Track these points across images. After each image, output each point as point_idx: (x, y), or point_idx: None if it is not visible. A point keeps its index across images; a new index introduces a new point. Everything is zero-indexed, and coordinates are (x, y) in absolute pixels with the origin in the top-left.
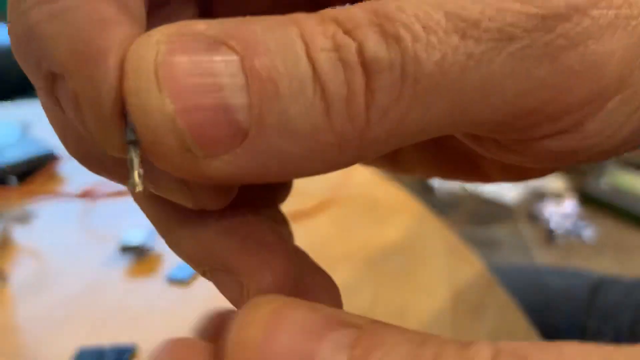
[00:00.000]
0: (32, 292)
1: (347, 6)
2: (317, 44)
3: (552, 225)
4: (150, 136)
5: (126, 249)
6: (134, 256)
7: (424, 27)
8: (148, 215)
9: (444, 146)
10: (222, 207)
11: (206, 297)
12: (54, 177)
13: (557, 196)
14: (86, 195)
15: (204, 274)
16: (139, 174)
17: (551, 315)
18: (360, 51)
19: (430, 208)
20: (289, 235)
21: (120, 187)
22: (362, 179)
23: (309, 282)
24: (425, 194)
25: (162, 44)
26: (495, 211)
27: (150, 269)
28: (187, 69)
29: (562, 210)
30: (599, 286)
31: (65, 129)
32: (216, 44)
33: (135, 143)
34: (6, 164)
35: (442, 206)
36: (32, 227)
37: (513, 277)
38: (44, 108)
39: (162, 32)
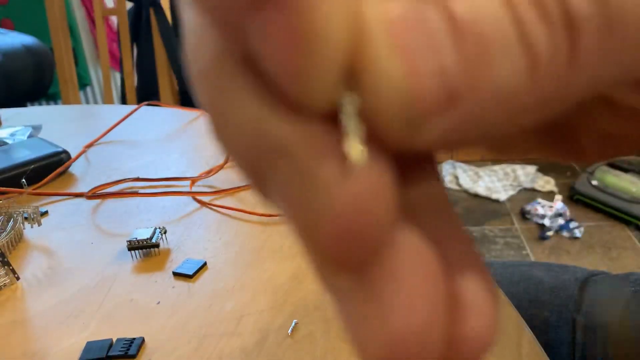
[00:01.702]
0: (43, 288)
1: None
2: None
3: (543, 223)
4: (378, 99)
5: (134, 247)
6: (141, 253)
7: None
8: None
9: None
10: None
11: (211, 292)
12: (64, 178)
13: (548, 195)
14: (96, 195)
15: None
16: (360, 140)
17: (541, 309)
18: (561, 4)
19: None
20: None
21: (128, 186)
22: None
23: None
24: None
25: (384, 1)
26: (488, 209)
27: (157, 265)
28: (410, 26)
29: (552, 209)
30: (588, 281)
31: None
32: (421, 2)
33: (352, 107)
34: (18, 165)
35: None
36: (43, 226)
37: (504, 272)
38: (202, 65)
39: None
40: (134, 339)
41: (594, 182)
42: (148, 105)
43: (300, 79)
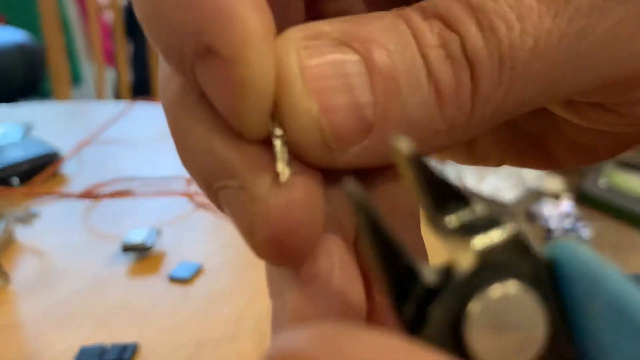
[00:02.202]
0: (35, 291)
1: None
2: (427, 42)
3: (550, 225)
4: (298, 134)
5: (128, 249)
6: (136, 256)
7: (517, 15)
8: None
9: (518, 133)
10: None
11: (207, 295)
12: (56, 178)
13: (555, 196)
14: (89, 195)
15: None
16: (285, 163)
17: None
18: (463, 45)
19: None
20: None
21: (122, 186)
22: None
23: None
24: None
25: (301, 49)
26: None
27: (152, 268)
28: (325, 72)
29: (559, 210)
30: None
31: (190, 128)
32: (341, 46)
33: (280, 137)
34: (9, 164)
35: None
36: (34, 227)
37: None
38: (168, 97)
39: (298, 35)
40: (128, 343)
41: (602, 183)
42: (142, 100)
43: (236, 116)
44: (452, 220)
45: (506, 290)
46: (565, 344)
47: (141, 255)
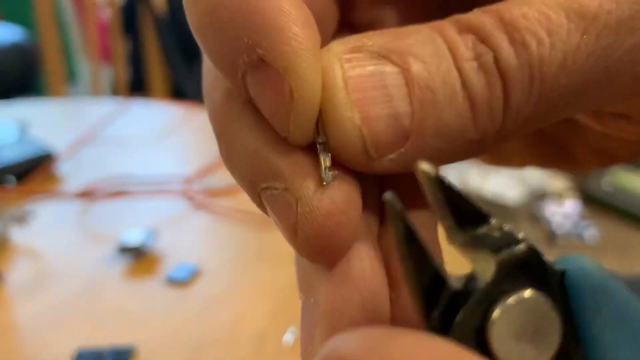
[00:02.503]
0: (30, 293)
1: (476, 11)
2: (462, 55)
3: (554, 225)
4: (341, 142)
5: (125, 250)
6: (132, 257)
7: (547, 31)
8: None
9: (542, 137)
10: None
11: (205, 298)
12: (52, 177)
13: (559, 196)
14: (85, 195)
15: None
16: (327, 168)
17: None
18: (496, 59)
19: None
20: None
21: (119, 187)
22: None
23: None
24: None
25: (345, 61)
26: (497, 211)
27: (149, 269)
28: (366, 83)
29: (563, 210)
30: None
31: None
32: (381, 58)
33: (323, 143)
34: (4, 163)
35: None
36: (30, 228)
37: None
38: (214, 102)
39: (340, 48)
40: (125, 346)
41: (606, 183)
42: (139, 97)
43: (284, 123)
44: (474, 234)
45: (525, 297)
46: (575, 349)
47: (138, 256)
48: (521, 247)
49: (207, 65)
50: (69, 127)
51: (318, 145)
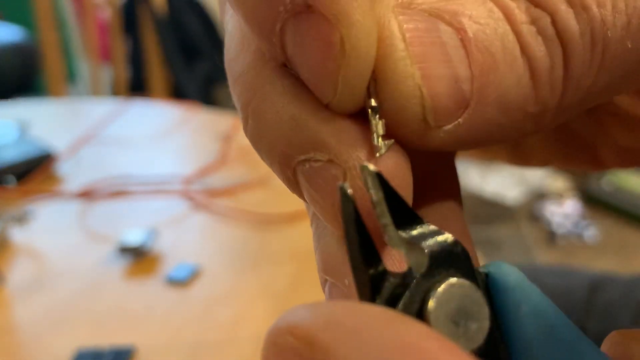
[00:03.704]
0: (30, 293)
1: None
2: (517, 18)
3: (554, 225)
4: (399, 102)
5: (125, 250)
6: (132, 257)
7: None
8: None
9: (566, 135)
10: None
11: (205, 298)
12: (52, 177)
13: (559, 196)
14: (85, 195)
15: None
16: (380, 136)
17: None
18: (554, 22)
19: None
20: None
21: (119, 187)
22: None
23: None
24: None
25: (399, 14)
26: (497, 211)
27: (149, 269)
28: (425, 38)
29: (563, 210)
30: (597, 285)
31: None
32: (432, 17)
33: (374, 109)
34: (4, 163)
35: None
36: (30, 228)
37: None
38: (241, 67)
39: (391, 3)
40: (125, 346)
41: (606, 183)
42: (139, 97)
43: (331, 84)
44: (410, 234)
45: (457, 283)
46: (498, 339)
47: (138, 256)
48: (450, 240)
49: (232, 28)
50: (69, 127)
51: (370, 111)
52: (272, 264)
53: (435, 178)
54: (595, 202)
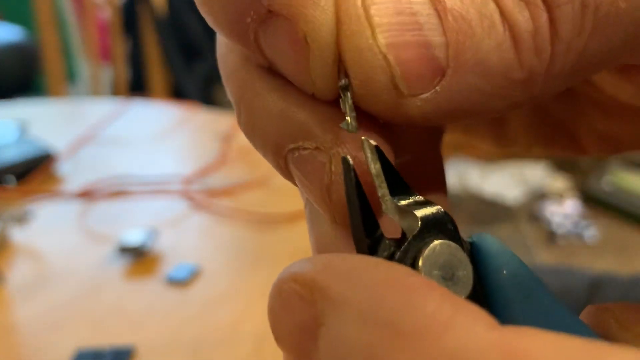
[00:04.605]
0: (30, 293)
1: None
2: None
3: (554, 225)
4: (364, 74)
5: (125, 250)
6: (132, 257)
7: None
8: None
9: (546, 118)
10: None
11: (205, 298)
12: (52, 177)
13: (559, 196)
14: (85, 195)
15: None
16: (352, 115)
17: None
18: None
19: None
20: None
21: (119, 187)
22: None
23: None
24: None
25: None
26: (497, 211)
27: (149, 269)
28: (391, 9)
29: (563, 210)
30: (597, 285)
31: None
32: None
33: (346, 88)
34: (4, 163)
35: None
36: (30, 228)
37: None
38: (230, 67)
39: None
40: (125, 346)
41: (606, 182)
42: (139, 97)
43: (305, 75)
44: (404, 202)
45: (445, 243)
46: (482, 300)
47: (138, 256)
48: (440, 210)
49: (218, 38)
50: (69, 127)
51: (340, 92)
52: (272, 264)
53: (421, 167)
54: (595, 202)
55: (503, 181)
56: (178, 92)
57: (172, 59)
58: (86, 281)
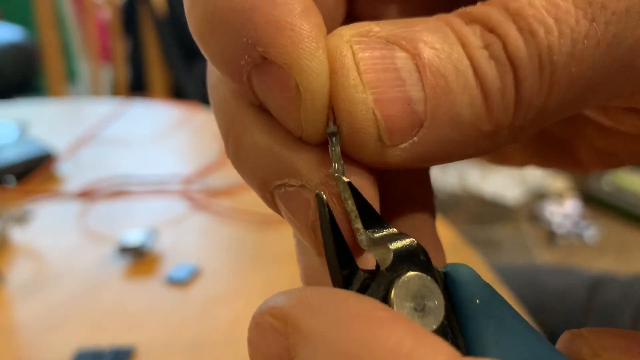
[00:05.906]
0: (30, 293)
1: (480, 4)
2: (471, 43)
3: (554, 225)
4: (354, 125)
5: (125, 250)
6: (132, 257)
7: (555, 19)
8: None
9: (544, 136)
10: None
11: (205, 298)
12: (52, 177)
13: (559, 196)
14: (85, 195)
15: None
16: (340, 161)
17: (549, 315)
18: (505, 47)
19: None
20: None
21: (119, 187)
22: None
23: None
24: None
25: (354, 44)
26: (497, 211)
27: (148, 269)
28: (377, 65)
29: (563, 210)
30: (597, 285)
31: (243, 132)
32: (390, 44)
33: (334, 134)
34: (4, 163)
35: (443, 206)
36: (30, 228)
37: (510, 276)
38: (221, 100)
39: (349, 33)
40: (125, 346)
41: (607, 183)
42: (139, 97)
43: (295, 121)
44: (377, 235)
45: (416, 275)
46: (456, 329)
47: (138, 256)
48: (413, 242)
49: (211, 67)
50: (69, 127)
51: (329, 137)
52: (272, 264)
53: (409, 191)
54: (595, 202)
55: (503, 181)
56: (178, 92)
57: (172, 59)
58: (86, 281)
